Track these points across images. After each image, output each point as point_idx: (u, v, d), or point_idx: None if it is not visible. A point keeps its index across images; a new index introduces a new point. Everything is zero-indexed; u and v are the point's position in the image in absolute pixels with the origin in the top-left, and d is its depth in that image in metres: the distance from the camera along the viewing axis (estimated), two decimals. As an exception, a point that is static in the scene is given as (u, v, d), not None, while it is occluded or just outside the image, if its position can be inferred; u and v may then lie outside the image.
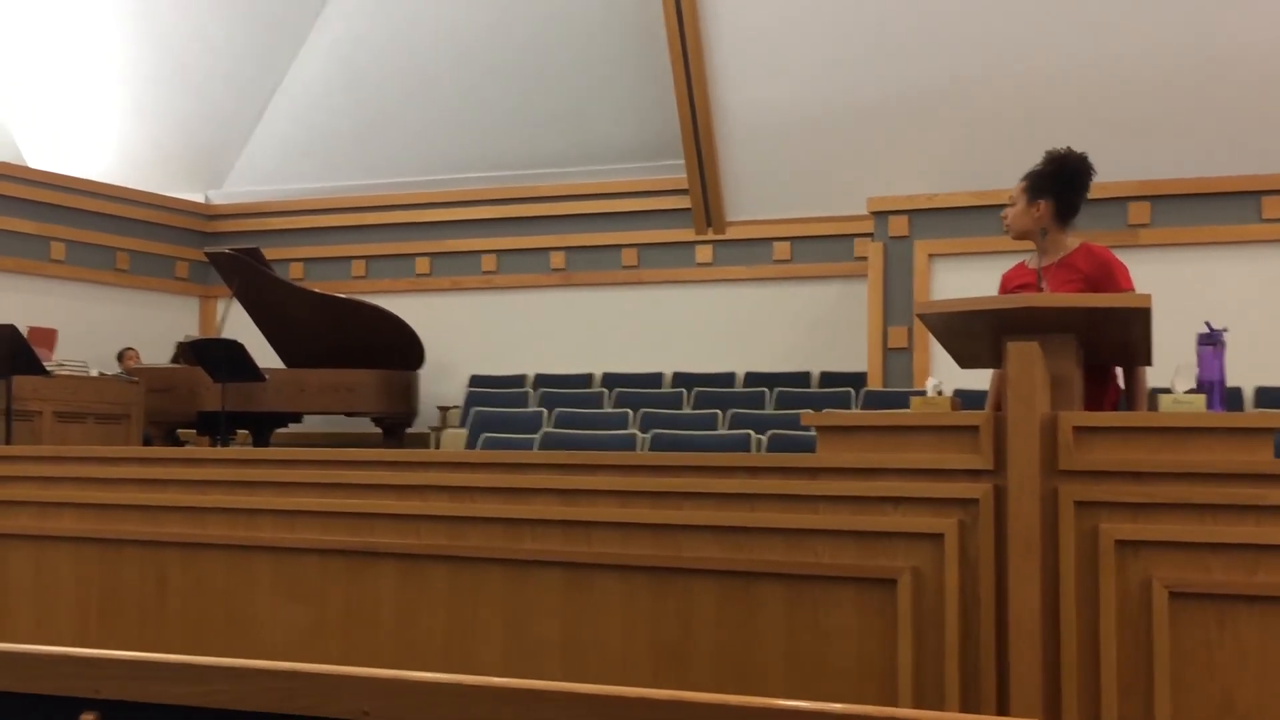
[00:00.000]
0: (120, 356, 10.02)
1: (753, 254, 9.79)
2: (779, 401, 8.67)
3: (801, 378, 9.26)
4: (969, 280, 7.86)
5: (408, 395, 9.52)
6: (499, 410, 8.51)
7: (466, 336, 10.49)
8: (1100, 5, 8.02)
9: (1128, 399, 3.71)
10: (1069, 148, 3.80)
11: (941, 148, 8.76)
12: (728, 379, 9.46)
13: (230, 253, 9.13)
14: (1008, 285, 3.85)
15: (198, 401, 8.68)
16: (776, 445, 6.64)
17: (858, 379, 8.75)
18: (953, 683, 2.76)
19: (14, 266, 9.92)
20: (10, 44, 10.62)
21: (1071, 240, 3.80)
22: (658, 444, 6.87)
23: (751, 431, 6.91)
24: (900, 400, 7.35)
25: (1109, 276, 3.65)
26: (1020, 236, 3.81)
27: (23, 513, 3.90)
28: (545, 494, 3.21)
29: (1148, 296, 3.05)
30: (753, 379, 9.37)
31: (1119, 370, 3.73)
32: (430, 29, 10.64)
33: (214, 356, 7.90)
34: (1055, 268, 3.72)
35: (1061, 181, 3.74)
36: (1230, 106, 7.95)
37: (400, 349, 9.42)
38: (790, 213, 9.55)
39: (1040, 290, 3.62)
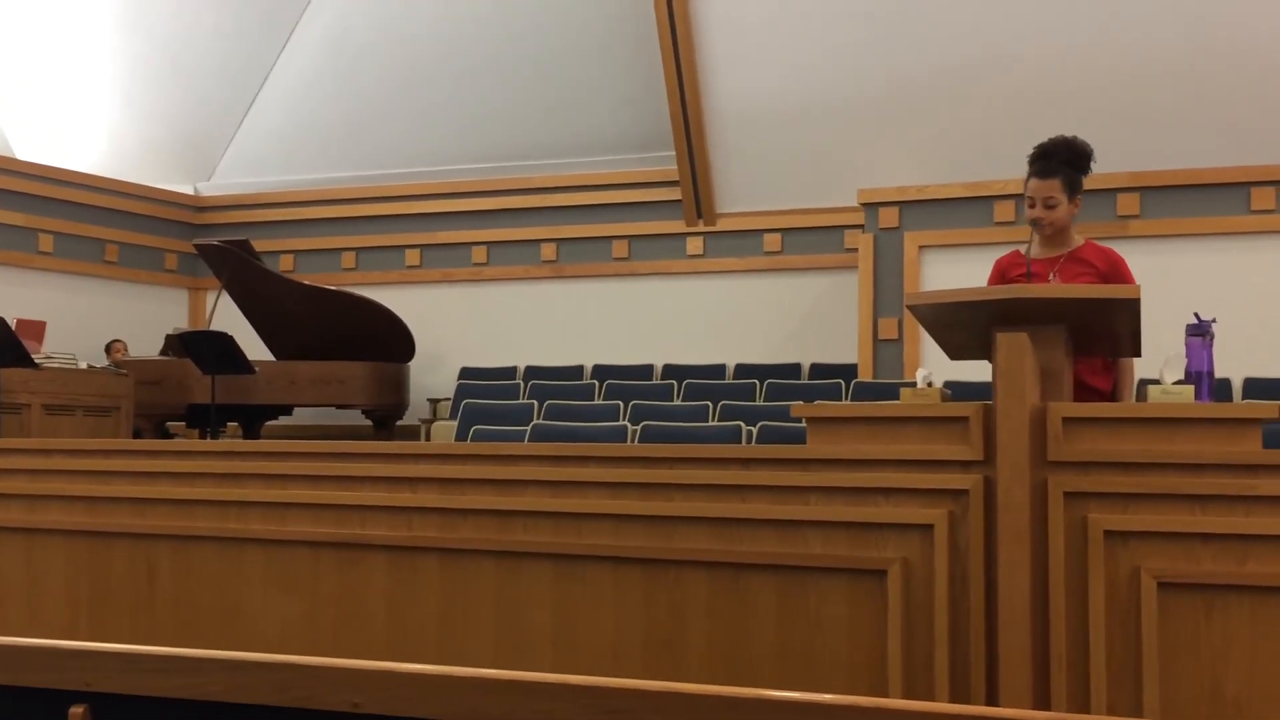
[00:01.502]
0: (108, 349, 9.99)
1: (743, 246, 9.79)
2: (769, 393, 8.68)
3: (792, 369, 9.27)
4: (959, 271, 7.87)
5: (398, 388, 9.51)
6: (489, 402, 8.51)
7: (457, 329, 10.48)
8: (1090, -3, 8.03)
9: (1113, 390, 3.72)
10: (1064, 136, 3.78)
11: (932, 139, 8.76)
12: (718, 371, 9.47)
13: (219, 244, 9.10)
14: (1009, 273, 3.82)
15: (187, 394, 8.66)
16: (767, 437, 6.64)
17: (848, 370, 8.76)
18: (942, 672, 2.76)
19: (2, 258, 9.88)
20: (-3, 35, 10.58)
21: (1077, 236, 3.80)
22: (648, 436, 6.87)
23: (742, 423, 6.91)
24: (890, 392, 7.36)
25: (1120, 275, 3.66)
26: (1057, 233, 3.74)
27: (12, 505, 3.89)
28: (536, 486, 3.21)
29: (1137, 288, 3.06)
30: (743, 371, 9.38)
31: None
32: (420, 20, 10.62)
33: (203, 349, 7.88)
34: (1066, 261, 3.71)
35: (1081, 170, 3.73)
36: (1220, 98, 7.96)
37: (391, 341, 9.40)
38: (781, 204, 9.55)
39: (1049, 282, 3.63)
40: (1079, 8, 8.05)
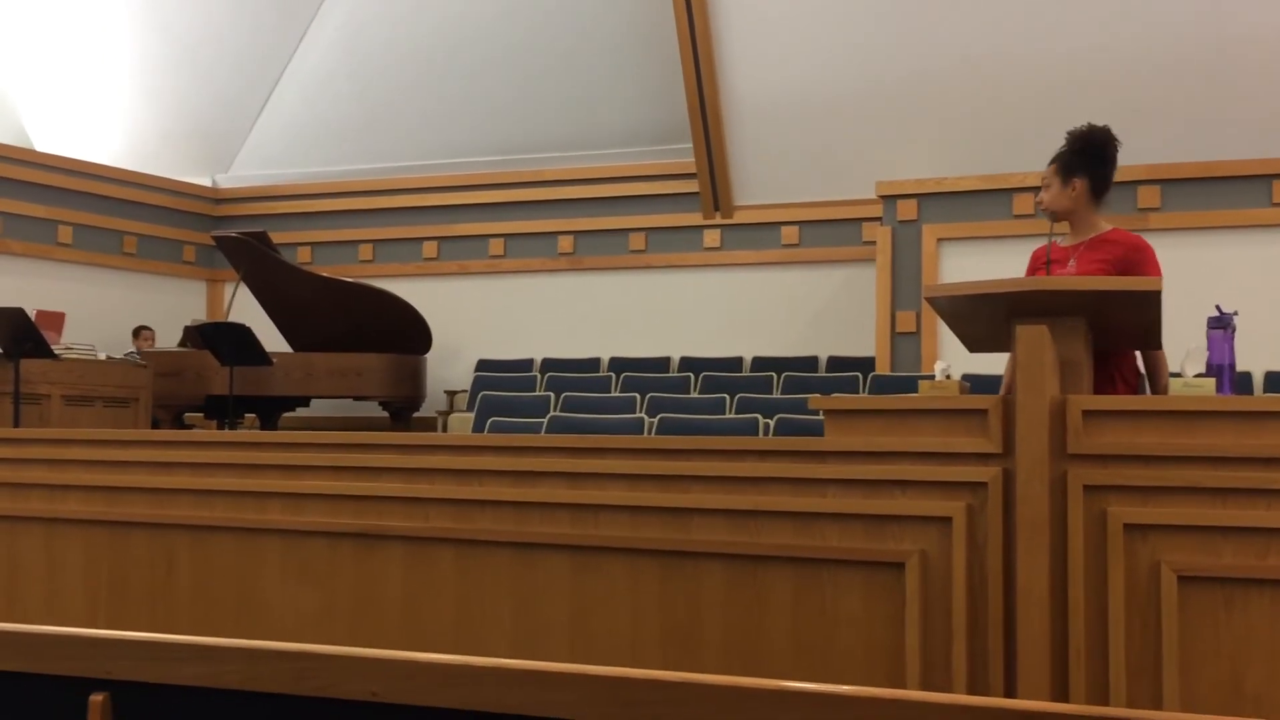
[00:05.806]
0: (135, 334, 10.04)
1: (760, 238, 9.77)
2: (786, 386, 8.66)
3: (809, 362, 9.25)
4: (978, 264, 7.85)
5: (415, 379, 9.52)
6: (506, 394, 8.52)
7: (474, 321, 10.49)
8: (1110, -12, 7.98)
9: (1150, 382, 3.71)
10: (1089, 124, 3.77)
11: (950, 131, 8.73)
12: (735, 363, 9.46)
13: (237, 236, 9.13)
14: (1039, 261, 3.81)
15: (205, 385, 8.69)
16: (784, 429, 6.64)
17: (865, 363, 8.74)
18: (960, 665, 2.76)
19: (22, 250, 9.93)
20: (19, 28, 10.62)
21: (1104, 223, 3.78)
22: (665, 428, 6.87)
23: (759, 416, 6.91)
24: (908, 384, 7.34)
25: (1141, 262, 3.62)
26: (1062, 218, 3.76)
27: (32, 495, 3.91)
28: (553, 477, 3.21)
29: (1158, 280, 3.04)
30: (760, 363, 9.37)
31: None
32: (436, 12, 10.62)
33: (221, 340, 7.90)
34: (1085, 248, 3.70)
35: (1090, 157, 3.72)
36: (1241, 90, 7.91)
37: (408, 333, 9.42)
38: (798, 197, 9.53)
39: (1069, 266, 3.61)
40: (1099, 1, 8.01)
